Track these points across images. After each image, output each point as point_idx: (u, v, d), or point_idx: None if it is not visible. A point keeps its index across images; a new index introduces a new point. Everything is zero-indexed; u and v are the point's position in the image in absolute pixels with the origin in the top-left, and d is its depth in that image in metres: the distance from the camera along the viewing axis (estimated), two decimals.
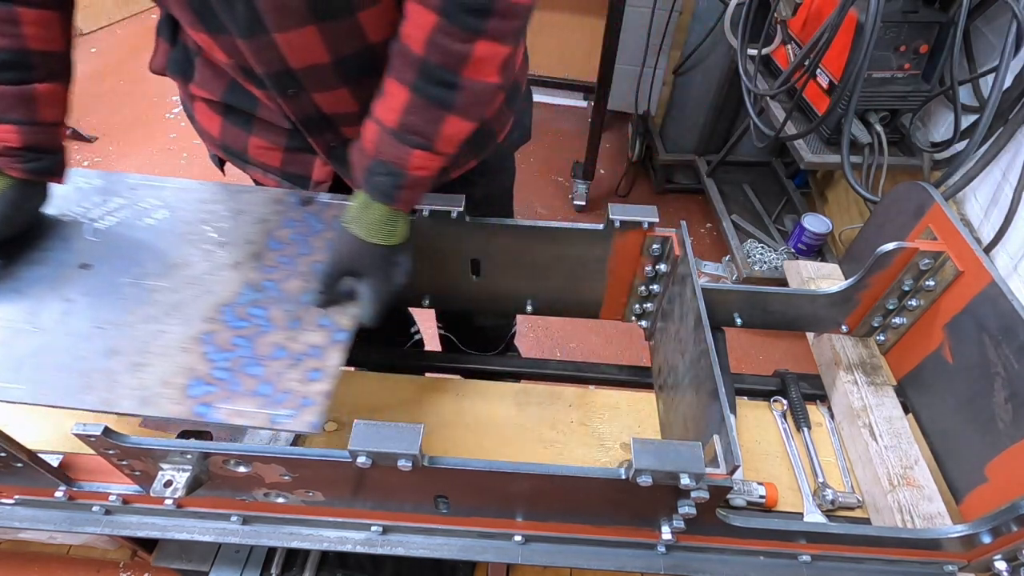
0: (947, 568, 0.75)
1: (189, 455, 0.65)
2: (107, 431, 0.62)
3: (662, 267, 0.92)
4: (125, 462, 0.68)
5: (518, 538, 0.77)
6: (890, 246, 0.86)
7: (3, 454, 0.69)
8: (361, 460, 0.61)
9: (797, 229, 2.15)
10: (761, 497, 0.86)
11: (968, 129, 1.49)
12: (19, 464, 0.71)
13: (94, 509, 0.79)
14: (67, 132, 0.87)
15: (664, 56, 2.61)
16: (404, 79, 0.70)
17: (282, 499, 0.74)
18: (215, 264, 0.85)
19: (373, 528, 0.77)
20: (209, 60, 0.85)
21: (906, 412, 0.92)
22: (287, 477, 0.68)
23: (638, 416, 0.99)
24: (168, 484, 0.66)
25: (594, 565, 0.77)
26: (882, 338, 0.99)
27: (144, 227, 0.90)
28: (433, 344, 1.59)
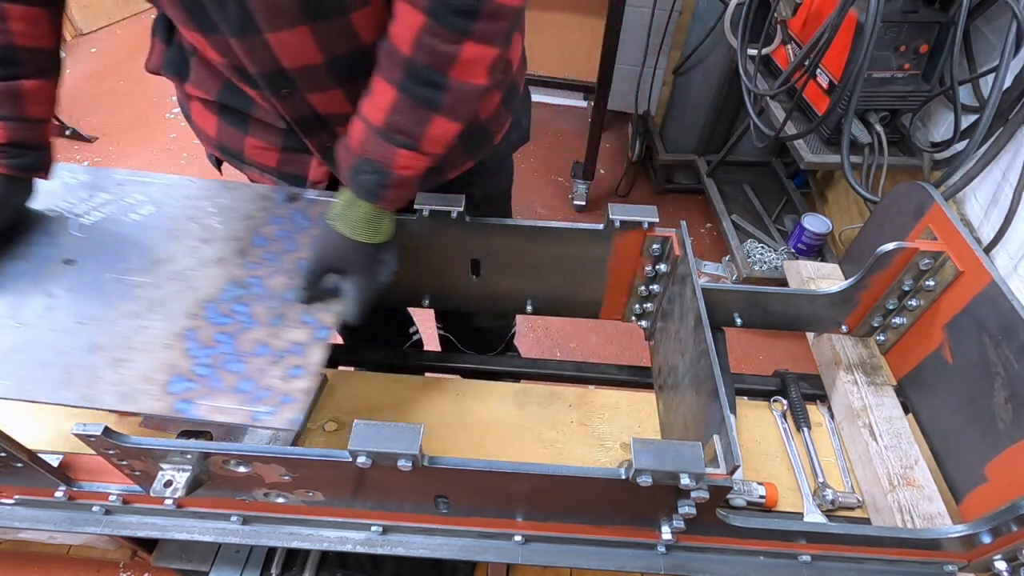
0: (947, 568, 0.75)
1: (189, 455, 0.65)
2: (107, 431, 0.62)
3: (662, 267, 0.92)
4: (125, 462, 0.68)
5: (518, 538, 0.77)
6: (890, 246, 0.86)
7: (3, 454, 0.69)
8: (361, 460, 0.61)
9: (797, 229, 2.15)
10: (761, 497, 0.86)
11: (968, 129, 1.49)
12: (19, 464, 0.71)
13: (94, 509, 0.79)
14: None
15: (664, 56, 2.61)
16: (391, 78, 0.70)
17: (282, 499, 0.74)
18: (200, 260, 0.85)
19: (373, 528, 0.77)
20: (204, 60, 0.84)
21: (906, 412, 0.92)
22: (287, 477, 0.68)
23: (638, 416, 0.99)
24: (168, 484, 0.66)
25: (594, 565, 0.77)
26: (882, 338, 0.99)
27: (129, 223, 0.89)
28: (432, 344, 1.59)
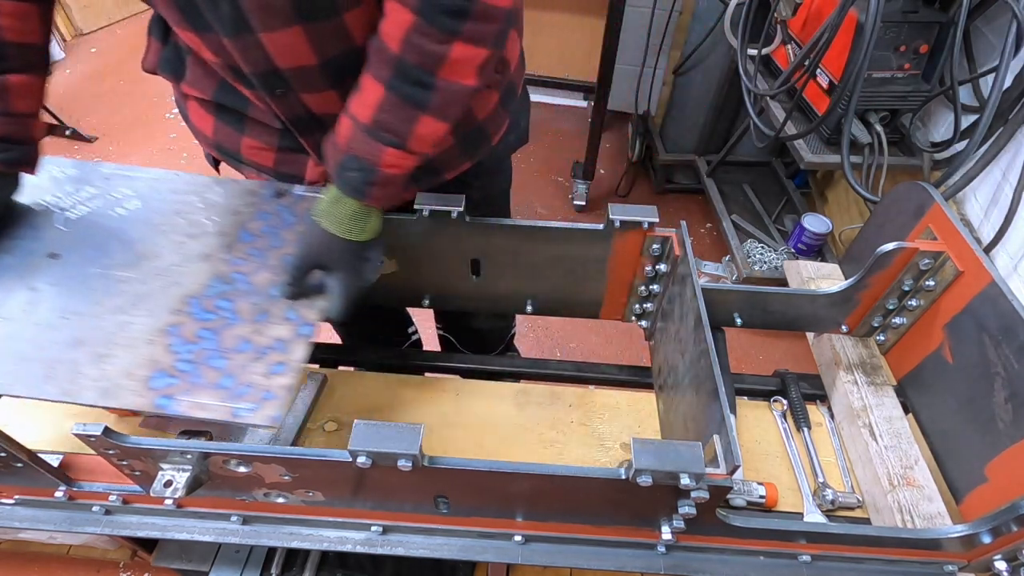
0: (947, 568, 0.75)
1: (189, 455, 0.65)
2: (107, 431, 0.62)
3: (662, 267, 0.92)
4: (125, 462, 0.68)
5: (518, 538, 0.77)
6: (890, 246, 0.86)
7: (3, 454, 0.69)
8: (361, 460, 0.61)
9: (797, 229, 2.15)
10: (761, 497, 0.86)
11: (968, 129, 1.49)
12: (19, 464, 0.71)
13: (94, 509, 0.79)
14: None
15: (664, 56, 2.61)
16: (380, 76, 0.70)
17: (282, 499, 0.74)
18: (185, 255, 0.84)
19: (373, 528, 0.77)
20: (200, 59, 0.84)
21: (906, 412, 0.92)
22: (287, 477, 0.68)
23: (638, 416, 0.99)
24: (168, 484, 0.66)
25: (594, 565, 0.77)
26: (882, 338, 0.99)
27: (115, 217, 0.89)
28: (432, 345, 1.59)
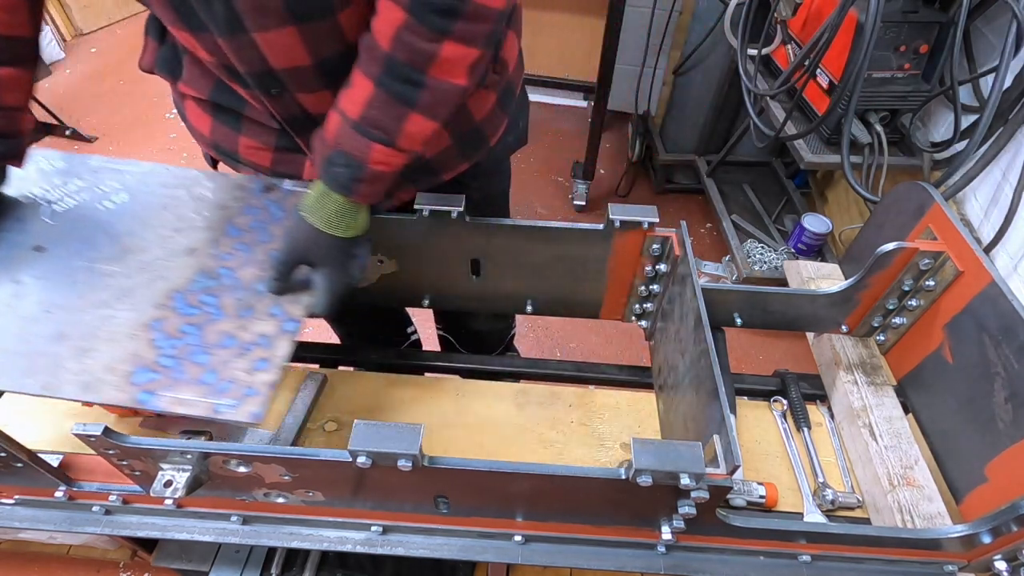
0: (947, 568, 0.75)
1: (189, 455, 0.65)
2: (107, 431, 0.62)
3: (662, 267, 0.92)
4: (125, 462, 0.68)
5: (518, 538, 0.77)
6: (890, 246, 0.86)
7: (3, 454, 0.69)
8: (361, 460, 0.61)
9: (797, 229, 2.15)
10: (761, 497, 0.86)
11: (968, 129, 1.49)
12: (19, 464, 0.71)
13: (94, 509, 0.79)
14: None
15: (664, 56, 2.61)
16: (370, 72, 0.70)
17: (282, 499, 0.74)
18: (171, 250, 0.84)
19: (373, 528, 0.77)
20: (196, 58, 0.84)
21: (906, 412, 0.92)
22: (287, 477, 0.68)
23: (638, 416, 0.99)
24: (168, 484, 0.66)
25: (594, 565, 0.77)
26: (882, 338, 0.99)
27: (103, 210, 0.88)
28: (431, 345, 1.59)
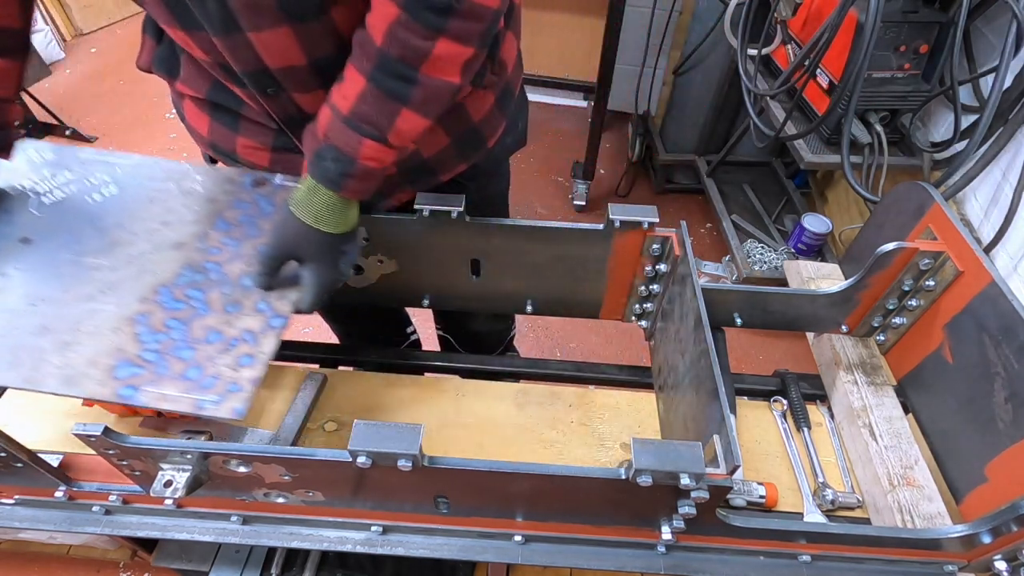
0: (947, 568, 0.75)
1: (189, 455, 0.65)
2: (107, 431, 0.62)
3: (662, 267, 0.92)
4: (125, 462, 0.68)
5: (518, 538, 0.77)
6: (890, 246, 0.86)
7: (3, 454, 0.69)
8: (361, 460, 0.61)
9: (797, 229, 2.15)
10: (761, 497, 0.86)
11: (968, 129, 1.49)
12: (19, 464, 0.71)
13: (94, 509, 0.79)
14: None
15: (664, 56, 2.61)
16: (362, 67, 0.70)
17: (282, 499, 0.74)
18: (158, 243, 0.83)
19: (373, 528, 0.77)
20: (193, 58, 0.83)
21: (906, 412, 0.92)
22: (287, 477, 0.68)
23: (638, 416, 0.99)
24: (168, 484, 0.66)
25: (594, 565, 0.77)
26: (882, 338, 0.99)
27: (91, 203, 0.87)
28: (431, 346, 1.59)
